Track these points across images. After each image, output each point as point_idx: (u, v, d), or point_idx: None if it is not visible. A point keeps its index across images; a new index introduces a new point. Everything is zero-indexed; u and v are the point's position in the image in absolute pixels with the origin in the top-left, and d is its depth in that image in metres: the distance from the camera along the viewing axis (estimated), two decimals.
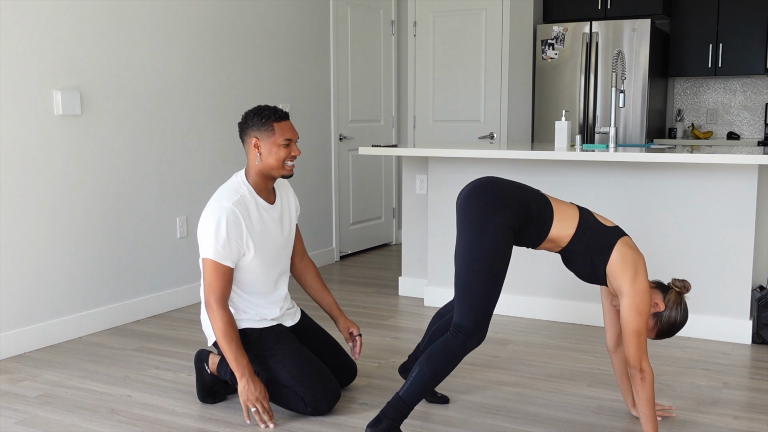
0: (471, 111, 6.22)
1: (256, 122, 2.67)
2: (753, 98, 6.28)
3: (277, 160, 2.66)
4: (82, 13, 3.69)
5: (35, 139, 3.51)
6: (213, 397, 2.88)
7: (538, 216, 2.42)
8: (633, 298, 2.37)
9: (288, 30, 5.12)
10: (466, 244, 2.38)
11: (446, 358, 2.41)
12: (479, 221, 2.37)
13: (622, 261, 2.39)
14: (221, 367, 2.82)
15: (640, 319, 2.36)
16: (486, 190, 2.41)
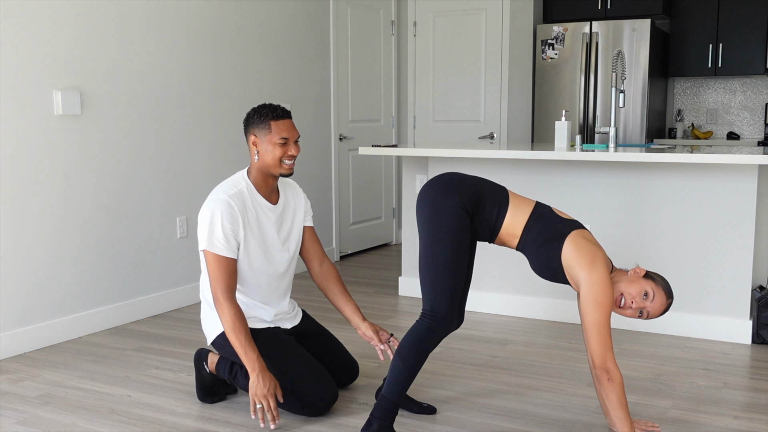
0: (471, 111, 6.22)
1: (256, 120, 2.68)
2: (753, 98, 6.28)
3: (273, 159, 2.67)
4: (82, 13, 3.69)
5: (35, 139, 3.51)
6: (212, 397, 2.87)
7: (492, 200, 2.41)
8: (591, 287, 2.24)
9: (288, 30, 5.12)
10: (423, 230, 2.39)
11: (414, 344, 2.38)
12: (433, 206, 2.38)
13: (577, 249, 2.30)
14: (220, 366, 2.82)
15: (599, 311, 2.22)
16: (441, 181, 2.44)
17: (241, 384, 2.78)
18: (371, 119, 6.15)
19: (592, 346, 2.25)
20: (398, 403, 2.42)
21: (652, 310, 2.36)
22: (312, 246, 2.97)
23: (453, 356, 3.43)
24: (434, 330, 2.37)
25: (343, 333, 3.80)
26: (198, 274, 4.47)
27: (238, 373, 2.78)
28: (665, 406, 2.84)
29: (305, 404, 2.66)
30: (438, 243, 2.35)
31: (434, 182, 2.46)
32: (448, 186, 2.42)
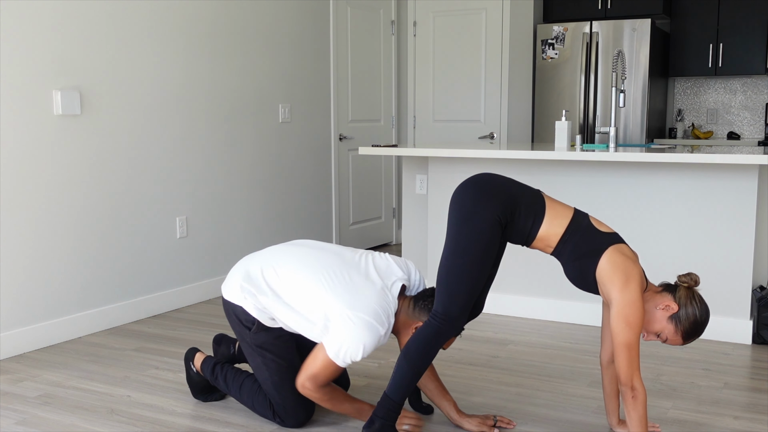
0: (471, 111, 6.22)
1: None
2: (753, 98, 6.28)
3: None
4: (82, 13, 3.69)
5: (35, 139, 3.51)
6: (205, 395, 2.88)
7: (528, 210, 2.38)
8: (622, 308, 2.24)
9: (288, 30, 5.12)
10: (451, 233, 2.38)
11: (420, 345, 2.37)
12: (466, 212, 2.35)
13: (612, 267, 2.29)
14: (205, 366, 2.81)
15: (630, 332, 2.24)
16: (478, 184, 2.40)
17: (221, 386, 2.76)
18: (371, 119, 6.15)
19: (622, 366, 2.26)
20: (401, 404, 2.42)
21: (671, 342, 2.40)
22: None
23: (453, 356, 3.43)
24: (442, 333, 2.37)
25: None
26: (198, 274, 4.47)
27: (219, 375, 2.76)
28: (665, 406, 2.83)
29: (276, 412, 2.63)
30: (463, 251, 2.33)
31: (471, 184, 2.41)
32: (484, 192, 2.37)
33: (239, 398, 2.73)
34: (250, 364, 2.65)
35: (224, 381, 2.75)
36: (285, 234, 5.19)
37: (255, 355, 2.61)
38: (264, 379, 2.61)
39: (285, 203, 5.18)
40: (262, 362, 2.60)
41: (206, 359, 2.83)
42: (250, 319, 2.58)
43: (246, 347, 2.63)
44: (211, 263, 4.58)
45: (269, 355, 2.60)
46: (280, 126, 5.09)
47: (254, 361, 2.62)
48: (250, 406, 2.70)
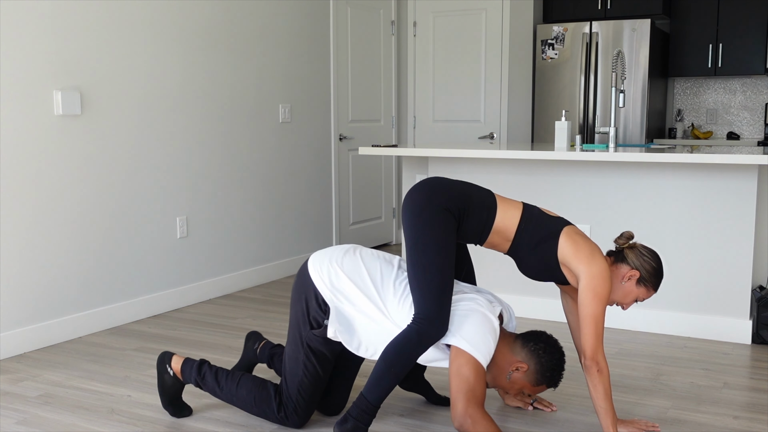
0: (471, 111, 6.22)
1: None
2: (753, 98, 6.28)
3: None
4: (82, 13, 3.69)
5: (35, 139, 3.51)
6: (176, 407, 2.71)
7: (480, 203, 2.39)
8: (590, 280, 2.28)
9: (288, 30, 5.12)
10: (408, 234, 2.37)
11: (399, 348, 2.34)
12: (417, 208, 2.37)
13: (573, 244, 2.33)
14: (187, 366, 2.68)
15: (597, 304, 2.27)
16: (425, 185, 2.43)
17: (209, 384, 2.65)
18: (371, 119, 6.15)
19: (587, 338, 2.29)
20: (377, 406, 2.38)
21: (646, 298, 2.50)
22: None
23: None
24: (422, 333, 2.32)
25: None
26: (198, 274, 4.48)
27: (208, 373, 2.65)
28: (665, 406, 2.84)
29: (284, 404, 2.56)
30: (423, 247, 2.33)
31: (419, 186, 2.45)
32: (432, 189, 2.40)
33: (232, 394, 2.61)
34: (288, 351, 2.56)
35: (215, 379, 2.64)
36: (285, 234, 5.20)
37: (299, 350, 2.52)
38: (293, 374, 2.53)
39: (285, 203, 5.19)
40: (303, 361, 2.52)
41: (187, 359, 2.70)
42: (317, 317, 2.48)
43: (295, 338, 2.53)
44: (211, 263, 4.58)
45: (312, 360, 2.53)
46: (280, 126, 5.09)
47: (295, 354, 2.53)
48: (249, 401, 2.59)
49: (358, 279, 2.47)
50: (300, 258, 5.35)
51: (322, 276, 2.49)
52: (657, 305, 3.78)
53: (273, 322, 4.05)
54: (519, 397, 2.77)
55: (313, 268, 2.52)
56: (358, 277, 2.48)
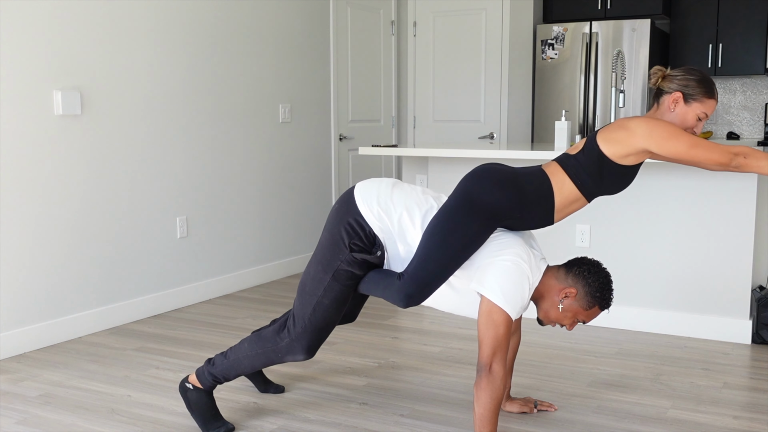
0: (471, 111, 6.22)
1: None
2: (753, 98, 6.28)
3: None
4: (82, 13, 3.69)
5: (35, 139, 3.51)
6: (213, 426, 2.60)
7: (536, 199, 2.34)
8: (651, 139, 2.25)
9: (288, 30, 5.12)
10: (449, 209, 2.33)
11: (379, 280, 2.37)
12: (474, 197, 2.32)
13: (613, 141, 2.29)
14: (199, 374, 2.64)
15: (679, 140, 2.25)
16: (494, 177, 2.36)
17: (220, 368, 2.59)
18: (371, 119, 6.15)
19: (712, 154, 2.28)
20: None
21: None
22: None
23: (453, 356, 3.43)
24: (401, 291, 2.32)
25: (344, 333, 3.80)
26: (198, 274, 4.47)
27: (216, 357, 2.63)
28: (665, 406, 2.84)
29: (289, 332, 2.51)
30: (454, 229, 2.28)
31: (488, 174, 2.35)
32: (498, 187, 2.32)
33: (238, 357, 2.58)
34: (311, 271, 2.51)
35: (223, 356, 2.61)
36: (285, 234, 5.19)
37: (328, 272, 2.46)
38: (310, 294, 2.48)
39: (285, 203, 5.19)
40: (328, 282, 2.46)
41: (200, 369, 2.65)
42: (358, 243, 2.42)
43: (324, 259, 2.47)
44: (211, 263, 4.58)
45: (338, 284, 2.47)
46: (280, 126, 5.09)
47: (319, 276, 2.48)
48: (253, 351, 2.56)
49: (410, 212, 2.43)
50: (300, 258, 5.35)
51: (372, 208, 2.43)
52: (657, 305, 3.78)
53: None
54: (520, 404, 2.77)
55: (361, 198, 2.45)
56: (410, 211, 2.43)
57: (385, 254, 2.45)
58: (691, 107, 2.37)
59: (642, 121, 2.29)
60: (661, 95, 2.39)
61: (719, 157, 2.25)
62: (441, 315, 4.14)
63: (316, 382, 3.10)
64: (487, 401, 2.26)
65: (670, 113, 2.38)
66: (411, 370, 3.25)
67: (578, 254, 3.92)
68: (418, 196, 2.48)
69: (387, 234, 2.43)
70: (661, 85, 2.40)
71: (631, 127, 2.29)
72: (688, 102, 2.36)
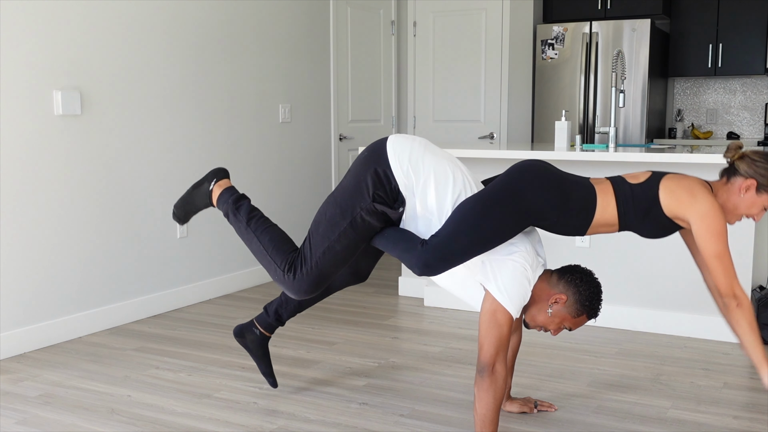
0: (471, 111, 6.22)
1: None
2: (753, 98, 6.28)
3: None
4: (82, 13, 3.69)
5: (35, 139, 3.51)
6: (183, 217, 2.79)
7: (577, 207, 2.33)
8: (701, 222, 2.22)
9: (288, 30, 5.12)
10: (495, 192, 2.30)
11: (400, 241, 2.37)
12: (518, 190, 2.30)
13: (673, 198, 2.27)
14: (222, 197, 2.66)
15: (717, 240, 2.21)
16: (541, 174, 2.34)
17: (238, 219, 2.61)
18: (371, 119, 6.15)
19: (718, 276, 2.24)
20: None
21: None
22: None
23: (453, 356, 3.43)
24: (420, 258, 2.31)
25: (344, 333, 3.80)
26: (199, 274, 4.47)
27: (243, 207, 2.62)
28: (665, 406, 2.84)
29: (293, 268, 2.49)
30: (490, 215, 2.26)
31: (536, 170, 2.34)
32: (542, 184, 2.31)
33: (253, 235, 2.58)
34: (327, 213, 2.47)
35: (247, 214, 2.61)
36: None
37: (346, 217, 2.42)
38: (324, 237, 2.45)
39: (285, 203, 5.19)
40: (344, 228, 2.43)
41: (226, 189, 2.69)
42: (381, 194, 2.39)
43: (347, 204, 2.43)
44: (211, 263, 4.58)
45: (354, 232, 2.43)
46: (280, 126, 5.09)
47: (335, 219, 2.44)
48: (264, 248, 2.55)
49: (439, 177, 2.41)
50: None
51: (402, 164, 2.39)
52: (657, 305, 3.78)
53: None
54: (520, 404, 2.77)
55: (393, 152, 2.42)
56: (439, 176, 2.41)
57: (405, 212, 2.42)
58: (761, 198, 2.32)
59: (708, 202, 2.26)
60: (734, 173, 2.34)
61: (724, 282, 2.24)
62: (441, 315, 4.14)
63: (316, 382, 3.10)
64: (490, 401, 2.27)
65: (738, 196, 2.34)
66: (411, 370, 3.25)
67: (578, 254, 3.92)
68: (448, 165, 2.43)
69: (409, 192, 2.39)
70: (737, 164, 2.34)
71: (697, 199, 2.26)
72: (759, 192, 2.31)
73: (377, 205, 2.39)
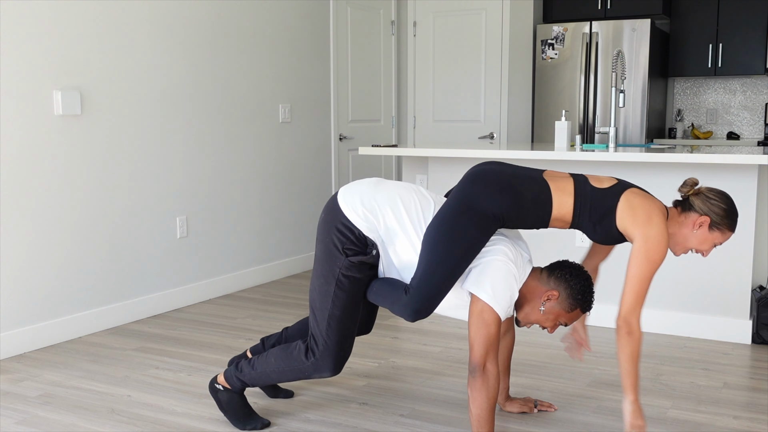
0: (471, 111, 6.22)
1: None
2: (753, 98, 6.28)
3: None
4: (82, 13, 3.69)
5: (35, 139, 3.51)
6: (247, 422, 2.64)
7: (534, 203, 2.35)
8: (644, 243, 2.24)
9: (288, 30, 5.12)
10: (446, 216, 2.32)
11: (387, 293, 2.39)
12: (469, 202, 2.32)
13: (630, 214, 2.29)
14: (227, 375, 2.65)
15: (647, 267, 2.24)
16: (487, 178, 2.36)
17: (249, 376, 2.60)
18: (371, 119, 6.15)
19: (626, 296, 2.27)
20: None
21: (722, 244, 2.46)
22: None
23: (453, 356, 3.43)
24: (408, 305, 2.33)
25: None
26: (199, 274, 4.47)
27: (243, 364, 2.62)
28: (665, 406, 2.84)
29: (312, 353, 2.50)
30: (456, 236, 2.28)
31: (482, 177, 2.35)
32: (490, 187, 2.33)
33: (265, 369, 2.58)
34: (316, 286, 2.50)
35: (250, 365, 2.60)
36: (285, 234, 5.20)
37: (330, 282, 2.45)
38: (321, 309, 2.47)
39: (285, 203, 5.19)
40: (334, 293, 2.45)
41: (227, 371, 2.67)
42: (351, 247, 2.42)
43: (324, 272, 2.46)
44: (211, 263, 4.58)
45: (343, 293, 2.46)
46: (280, 126, 5.09)
47: (324, 288, 2.47)
48: (280, 366, 2.55)
49: (396, 210, 2.43)
50: (300, 258, 5.35)
51: (356, 210, 2.42)
52: (657, 305, 3.78)
53: (273, 322, 4.05)
54: (520, 404, 2.77)
55: (345, 202, 2.45)
56: (395, 209, 2.43)
57: (379, 252, 2.45)
58: (712, 235, 2.35)
59: (660, 230, 2.27)
60: (688, 208, 2.37)
61: (629, 305, 2.26)
62: (441, 315, 4.14)
63: (316, 382, 3.10)
64: (483, 401, 2.28)
65: (690, 230, 2.36)
66: (411, 370, 3.25)
67: (579, 254, 3.92)
68: (399, 193, 2.47)
69: (375, 233, 2.42)
70: (692, 200, 2.37)
71: (651, 224, 2.28)
72: (712, 229, 2.34)
73: (351, 258, 2.43)
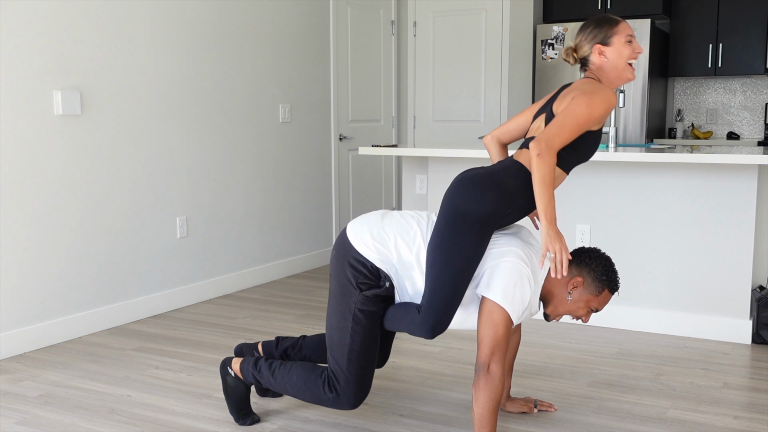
0: (471, 111, 6.22)
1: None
2: (753, 98, 6.28)
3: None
4: (82, 13, 3.69)
5: (35, 139, 3.52)
6: (244, 415, 2.67)
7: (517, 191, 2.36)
8: (589, 95, 2.35)
9: (288, 30, 5.12)
10: (444, 229, 2.34)
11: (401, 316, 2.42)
12: (465, 211, 2.32)
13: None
14: (244, 367, 2.67)
15: (584, 110, 2.34)
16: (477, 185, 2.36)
17: (266, 379, 2.60)
18: (371, 119, 6.15)
19: (549, 126, 2.37)
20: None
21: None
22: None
23: (453, 356, 3.43)
24: (423, 326, 2.36)
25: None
26: (199, 274, 4.47)
27: (263, 364, 2.61)
28: (665, 406, 2.84)
29: (332, 388, 2.49)
30: (457, 249, 2.30)
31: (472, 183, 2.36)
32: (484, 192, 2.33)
33: (285, 382, 2.57)
34: (332, 323, 2.49)
35: (269, 369, 2.60)
36: (285, 234, 5.20)
37: (347, 318, 2.45)
38: (340, 345, 2.46)
39: (285, 203, 5.19)
40: (351, 328, 2.45)
41: (245, 359, 2.68)
42: (365, 281, 2.43)
43: (340, 308, 2.46)
44: (211, 263, 4.58)
45: (361, 327, 2.45)
46: (280, 126, 5.09)
47: (341, 324, 2.47)
48: (300, 387, 2.54)
49: (406, 238, 2.44)
50: (300, 258, 5.35)
51: (367, 243, 2.44)
52: (657, 305, 3.78)
53: (273, 322, 4.05)
54: (520, 404, 2.77)
55: (354, 236, 2.46)
56: (406, 238, 2.44)
57: (393, 283, 2.45)
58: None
59: (604, 96, 2.38)
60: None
61: (548, 133, 2.32)
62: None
63: None
64: (486, 401, 2.27)
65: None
66: (411, 370, 3.25)
67: None
68: (406, 220, 2.50)
69: (388, 264, 2.43)
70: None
71: (579, 89, 2.38)
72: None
73: (365, 293, 2.43)
